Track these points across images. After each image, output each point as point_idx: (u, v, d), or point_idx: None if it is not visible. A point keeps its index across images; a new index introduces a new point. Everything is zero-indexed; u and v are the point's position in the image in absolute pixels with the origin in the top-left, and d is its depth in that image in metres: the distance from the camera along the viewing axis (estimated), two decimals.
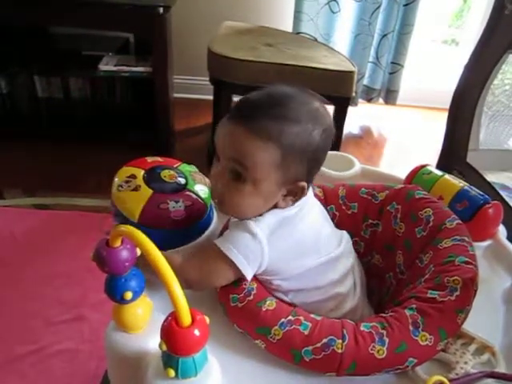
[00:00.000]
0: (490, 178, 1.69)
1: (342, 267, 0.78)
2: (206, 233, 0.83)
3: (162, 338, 0.51)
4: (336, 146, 2.00)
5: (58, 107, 2.45)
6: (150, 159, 0.86)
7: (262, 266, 0.70)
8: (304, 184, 0.71)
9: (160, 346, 0.51)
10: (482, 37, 1.65)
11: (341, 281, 0.77)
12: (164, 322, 0.51)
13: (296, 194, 0.72)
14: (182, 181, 0.83)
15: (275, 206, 0.72)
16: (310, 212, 0.76)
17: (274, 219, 0.71)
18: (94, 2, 1.96)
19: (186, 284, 0.67)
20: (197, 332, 0.49)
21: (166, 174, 0.82)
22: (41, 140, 2.22)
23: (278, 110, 0.67)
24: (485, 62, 1.65)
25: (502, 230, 0.90)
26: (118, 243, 0.56)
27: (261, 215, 0.71)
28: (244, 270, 0.68)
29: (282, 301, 0.72)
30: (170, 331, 0.50)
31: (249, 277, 0.69)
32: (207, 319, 0.51)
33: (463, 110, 1.75)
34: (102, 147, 2.19)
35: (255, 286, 0.69)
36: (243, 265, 0.68)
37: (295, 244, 0.72)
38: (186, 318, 0.49)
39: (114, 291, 0.58)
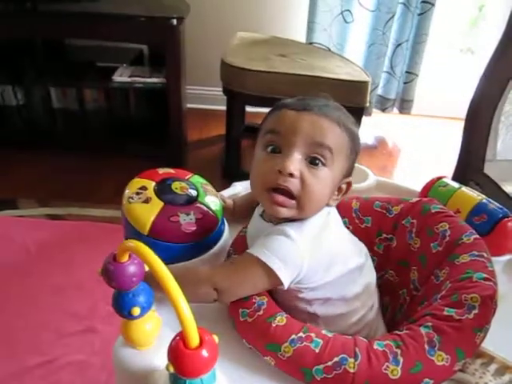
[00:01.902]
0: (508, 189, 1.66)
1: (365, 280, 0.77)
2: (217, 246, 0.82)
3: (169, 359, 0.49)
4: None
5: (72, 118, 2.48)
6: (161, 171, 0.85)
7: (299, 275, 0.68)
8: (351, 179, 0.75)
9: (167, 367, 0.49)
10: (499, 46, 1.63)
11: (364, 294, 0.76)
12: (171, 342, 0.49)
13: (341, 191, 0.74)
14: (194, 193, 0.82)
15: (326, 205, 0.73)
16: (334, 217, 0.76)
17: (314, 228, 0.71)
18: (109, 14, 2.00)
19: (215, 295, 0.66)
20: (205, 353, 0.47)
21: (177, 186, 0.81)
22: (55, 150, 2.25)
23: (338, 109, 0.72)
24: (502, 72, 1.63)
25: None
26: (125, 258, 0.55)
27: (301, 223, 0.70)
28: (281, 275, 0.66)
29: (304, 312, 0.71)
30: (178, 353, 0.48)
31: (286, 283, 0.67)
32: (216, 339, 0.49)
33: (480, 120, 1.72)
34: (115, 157, 2.20)
35: (265, 300, 0.67)
36: (280, 270, 0.65)
37: (326, 252, 0.71)
38: (194, 338, 0.47)
39: (122, 307, 0.57)
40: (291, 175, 0.66)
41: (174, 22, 1.94)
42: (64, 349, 1.33)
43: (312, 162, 0.68)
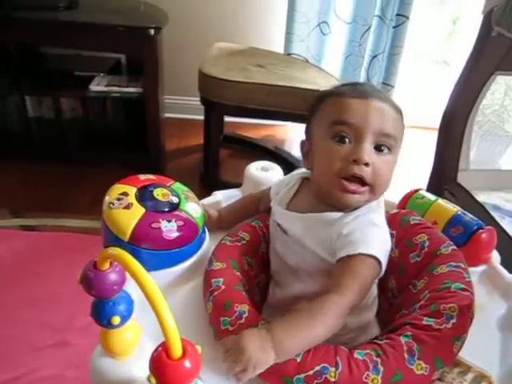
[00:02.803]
0: (482, 198, 1.69)
1: None
2: (198, 253, 0.82)
3: (150, 370, 0.48)
4: None
5: (49, 127, 2.44)
6: (142, 177, 0.85)
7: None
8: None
9: (148, 378, 0.48)
10: (470, 59, 1.67)
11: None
12: (153, 353, 0.48)
13: None
14: (175, 200, 0.82)
15: None
16: None
17: (383, 213, 0.76)
18: (86, 23, 1.98)
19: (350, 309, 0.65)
20: (188, 364, 0.46)
21: (158, 193, 0.81)
22: (31, 160, 2.21)
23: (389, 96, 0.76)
24: (473, 83, 1.67)
25: (495, 256, 0.89)
26: (106, 266, 0.54)
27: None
28: (384, 264, 0.68)
29: None
30: (160, 364, 0.47)
31: (383, 271, 0.70)
32: (199, 349, 0.49)
33: (452, 131, 1.76)
34: (93, 167, 2.18)
35: (247, 308, 0.67)
36: (383, 259, 0.68)
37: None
38: (176, 349, 0.46)
39: (101, 315, 0.56)
40: (366, 164, 0.69)
41: (152, 31, 1.94)
42: (38, 362, 1.30)
43: (378, 148, 0.71)
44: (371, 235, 0.69)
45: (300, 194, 0.81)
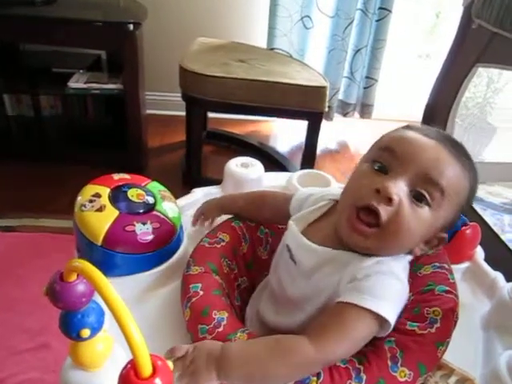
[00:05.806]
0: None
1: None
2: (175, 256, 0.80)
3: None
4: (311, 162, 1.98)
5: (28, 126, 2.39)
6: (116, 176, 0.82)
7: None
8: (445, 236, 0.65)
9: None
10: (451, 51, 1.67)
11: None
12: (122, 371, 0.45)
13: (430, 243, 0.65)
14: (151, 200, 0.79)
15: (409, 252, 0.65)
16: None
17: (407, 270, 0.65)
18: (64, 19, 1.93)
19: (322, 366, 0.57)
20: (159, 382, 0.43)
21: (133, 193, 0.79)
22: (11, 159, 2.16)
23: (469, 155, 0.64)
24: (454, 76, 1.66)
25: (479, 252, 0.88)
26: (73, 277, 0.51)
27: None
28: (392, 321, 0.58)
29: None
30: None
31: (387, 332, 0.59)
32: (171, 365, 0.46)
33: (435, 123, 1.75)
34: (73, 166, 2.13)
35: (226, 316, 0.65)
36: (393, 318, 0.58)
37: None
38: (146, 368, 0.43)
39: (70, 328, 0.53)
40: (389, 200, 0.58)
41: (131, 27, 1.90)
42: (16, 367, 1.27)
43: (416, 196, 0.59)
44: (389, 288, 0.59)
45: (324, 220, 0.71)
